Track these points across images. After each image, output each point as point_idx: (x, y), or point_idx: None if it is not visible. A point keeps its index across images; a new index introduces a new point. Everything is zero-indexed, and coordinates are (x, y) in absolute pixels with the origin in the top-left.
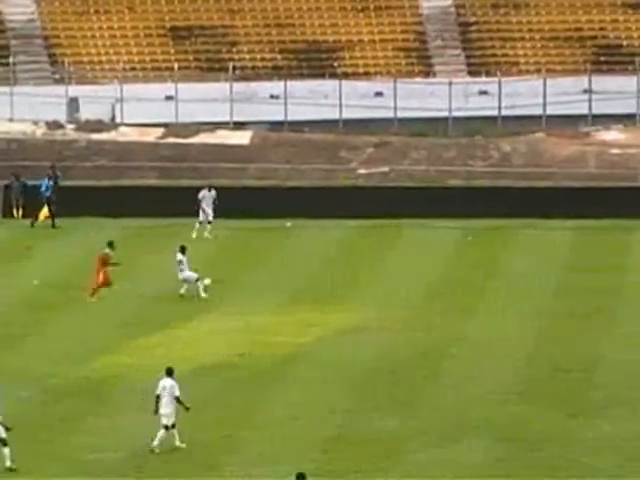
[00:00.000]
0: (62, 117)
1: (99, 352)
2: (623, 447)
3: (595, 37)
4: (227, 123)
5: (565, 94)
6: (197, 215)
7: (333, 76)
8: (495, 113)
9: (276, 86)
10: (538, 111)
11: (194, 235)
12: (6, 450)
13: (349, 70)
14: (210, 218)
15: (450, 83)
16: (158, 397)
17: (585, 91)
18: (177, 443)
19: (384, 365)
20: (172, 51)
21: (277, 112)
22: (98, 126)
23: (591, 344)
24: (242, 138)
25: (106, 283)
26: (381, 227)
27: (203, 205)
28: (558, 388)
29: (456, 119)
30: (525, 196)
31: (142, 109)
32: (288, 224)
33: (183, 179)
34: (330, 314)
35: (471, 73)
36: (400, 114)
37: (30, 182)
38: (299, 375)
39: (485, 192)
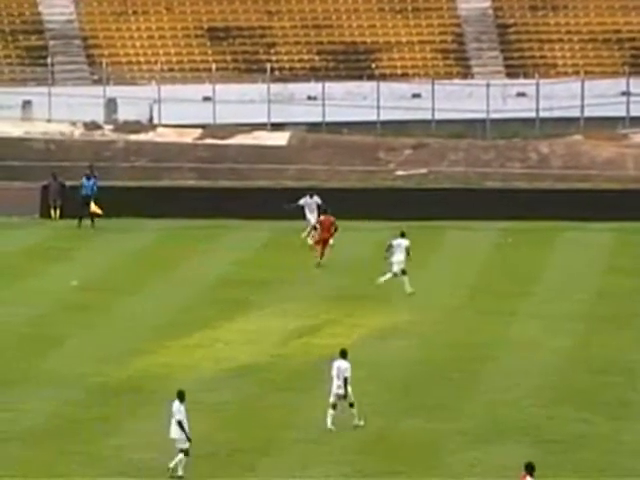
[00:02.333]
0: (100, 118)
1: (139, 353)
2: None
3: (633, 39)
4: (265, 124)
5: (603, 96)
6: (304, 219)
7: (371, 77)
8: (533, 115)
9: (314, 87)
10: (576, 113)
11: (310, 241)
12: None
13: (387, 72)
14: (312, 223)
15: (488, 85)
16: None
17: (623, 93)
18: (356, 421)
19: (422, 367)
20: (210, 52)
21: (315, 113)
22: (136, 127)
23: (631, 347)
24: (280, 139)
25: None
26: (420, 229)
27: (306, 211)
28: (597, 391)
29: (494, 121)
30: (564, 198)
31: (180, 110)
32: None
33: (221, 180)
34: (369, 316)
35: (509, 75)
36: (438, 116)
37: (70, 183)
38: None
39: (524, 194)
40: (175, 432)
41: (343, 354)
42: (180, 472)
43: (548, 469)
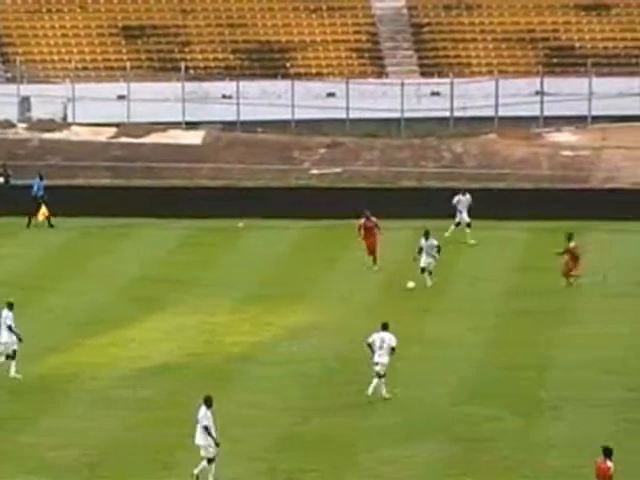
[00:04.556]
0: (14, 116)
1: (52, 351)
2: (575, 447)
3: (547, 39)
4: (179, 123)
5: (517, 95)
6: (454, 218)
7: (285, 76)
8: (447, 114)
9: (228, 86)
10: (490, 112)
11: (447, 234)
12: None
13: (301, 70)
14: (467, 220)
15: (402, 84)
16: (370, 345)
17: (537, 93)
18: (384, 393)
19: (338, 365)
20: (124, 50)
21: (229, 112)
22: (50, 125)
23: (543, 345)
24: (194, 138)
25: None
26: (334, 227)
27: (459, 208)
28: (510, 388)
29: (408, 120)
30: (478, 197)
31: (94, 108)
32: (240, 224)
33: (135, 179)
34: (284, 314)
35: (423, 74)
36: (352, 115)
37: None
38: (253, 374)
39: (439, 193)
40: (200, 438)
41: (385, 326)
42: (211, 479)
43: (462, 467)
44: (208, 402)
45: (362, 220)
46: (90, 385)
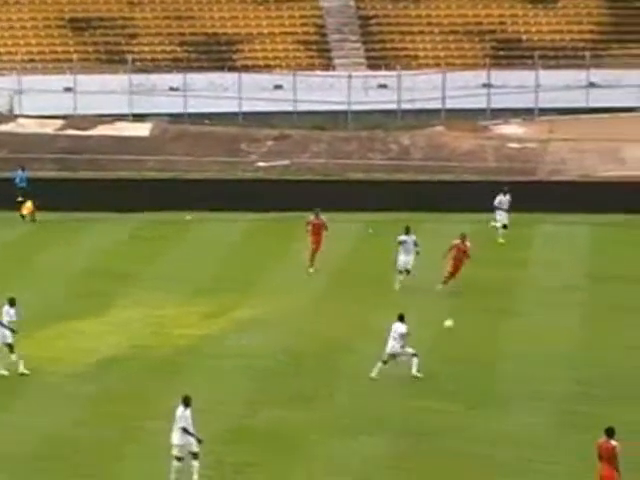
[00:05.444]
0: None
1: None
2: (523, 439)
3: (494, 31)
4: (126, 115)
5: (464, 88)
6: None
7: (233, 69)
8: (394, 107)
9: (176, 78)
10: (437, 105)
11: (501, 240)
12: (195, 463)
13: (249, 63)
14: (505, 222)
15: (349, 76)
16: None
17: (484, 85)
18: (414, 372)
19: (286, 357)
20: (71, 42)
21: (176, 104)
22: None
23: (491, 337)
24: (141, 130)
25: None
26: (282, 220)
27: (502, 208)
28: (458, 381)
29: (356, 112)
30: (425, 189)
31: (41, 101)
32: (188, 217)
33: (82, 171)
34: (232, 306)
35: (371, 66)
36: (300, 107)
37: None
38: (201, 367)
39: (386, 185)
40: (177, 438)
41: (401, 318)
42: (195, 477)
43: (410, 460)
44: (186, 401)
45: (311, 217)
46: (39, 379)
